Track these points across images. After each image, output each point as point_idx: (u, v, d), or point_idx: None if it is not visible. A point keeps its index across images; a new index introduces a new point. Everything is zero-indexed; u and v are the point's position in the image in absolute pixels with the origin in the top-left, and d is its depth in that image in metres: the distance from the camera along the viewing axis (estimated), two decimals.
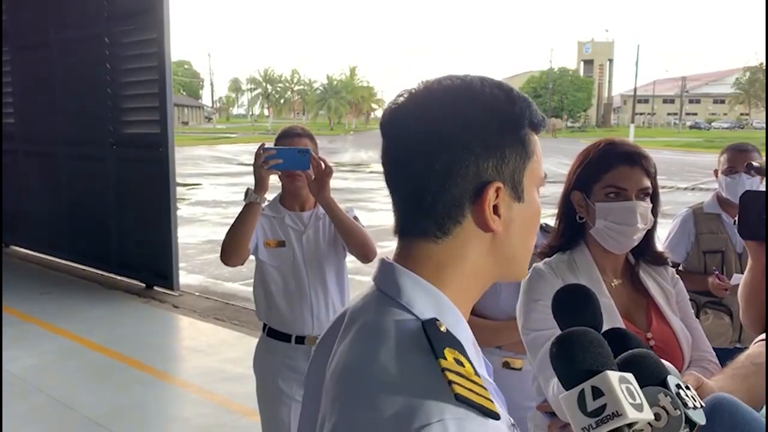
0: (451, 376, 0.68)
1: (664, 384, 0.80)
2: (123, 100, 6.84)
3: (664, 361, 0.93)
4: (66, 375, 4.47)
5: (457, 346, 0.73)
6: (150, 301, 6.27)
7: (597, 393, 0.74)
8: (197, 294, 6.59)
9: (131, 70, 6.75)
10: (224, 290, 7.01)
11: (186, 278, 7.15)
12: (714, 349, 2.57)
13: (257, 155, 2.22)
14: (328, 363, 0.81)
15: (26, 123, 7.99)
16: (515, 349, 1.99)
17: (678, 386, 0.81)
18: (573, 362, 0.77)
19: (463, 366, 0.71)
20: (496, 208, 0.79)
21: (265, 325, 2.48)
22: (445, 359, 0.70)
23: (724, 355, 2.96)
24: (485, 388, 0.70)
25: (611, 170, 1.55)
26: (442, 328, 0.74)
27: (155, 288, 6.60)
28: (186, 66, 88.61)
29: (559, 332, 0.92)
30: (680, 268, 2.98)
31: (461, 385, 0.68)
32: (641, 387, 0.78)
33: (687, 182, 18.67)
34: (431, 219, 0.79)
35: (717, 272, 2.81)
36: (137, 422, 3.82)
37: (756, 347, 1.32)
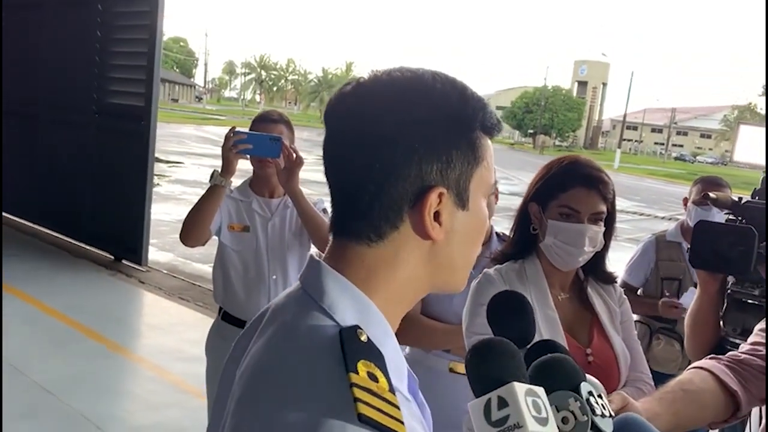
0: (359, 393, 0.63)
1: (577, 390, 0.82)
2: (110, 69, 6.78)
3: (591, 377, 0.95)
4: (21, 339, 4.42)
5: (376, 358, 0.68)
6: (117, 274, 6.23)
7: (502, 403, 0.73)
8: (165, 272, 6.55)
9: (121, 41, 6.70)
10: (192, 270, 6.97)
11: (156, 255, 7.11)
12: (663, 374, 2.62)
13: (227, 137, 2.20)
14: (241, 361, 0.76)
15: (9, 83, 7.88)
16: (463, 354, 2.01)
17: (590, 393, 0.83)
18: (484, 370, 0.77)
19: (377, 381, 0.65)
20: (437, 215, 0.73)
21: (220, 308, 2.46)
22: (357, 373, 0.65)
23: None
24: (398, 408, 0.65)
25: (568, 190, 1.57)
26: (363, 338, 0.69)
27: (123, 261, 6.55)
28: (182, 43, 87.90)
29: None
30: (638, 292, 3.05)
31: (368, 404, 0.63)
32: (555, 390, 0.80)
33: (665, 212, 18.89)
34: (367, 221, 0.73)
35: (667, 294, 2.88)
36: (87, 393, 3.79)
37: (687, 373, 1.35)
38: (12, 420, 3.40)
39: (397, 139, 0.72)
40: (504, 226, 2.12)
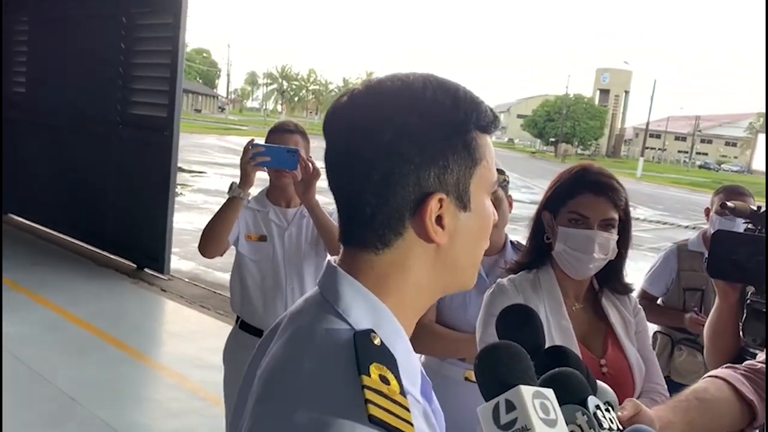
0: (370, 395, 0.65)
1: (585, 403, 0.82)
2: (134, 80, 6.89)
3: (603, 384, 0.95)
4: (46, 346, 4.49)
5: (388, 361, 0.70)
6: (139, 283, 6.30)
7: (510, 406, 0.74)
8: (186, 280, 6.62)
9: (145, 52, 6.81)
10: (213, 279, 7.03)
11: (177, 263, 7.18)
12: (685, 386, 2.58)
13: (245, 150, 2.23)
14: (260, 362, 0.79)
15: (36, 94, 8.05)
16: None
17: (597, 407, 0.83)
18: (492, 374, 0.77)
19: (388, 384, 0.67)
20: (440, 219, 0.75)
21: (238, 317, 2.49)
22: (369, 376, 0.67)
23: None
24: (408, 410, 0.67)
25: (576, 197, 1.57)
26: (376, 341, 0.71)
27: (146, 270, 6.62)
28: (205, 54, 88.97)
29: None
30: (658, 302, 3.01)
31: (379, 406, 0.65)
32: (562, 404, 0.80)
33: (689, 221, 18.65)
34: (371, 230, 0.75)
35: (696, 310, 2.83)
36: (110, 400, 3.84)
37: (702, 382, 1.34)
38: (38, 427, 3.47)
39: (391, 150, 0.73)
40: (524, 234, 2.12)
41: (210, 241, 2.29)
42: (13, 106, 8.36)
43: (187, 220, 10.26)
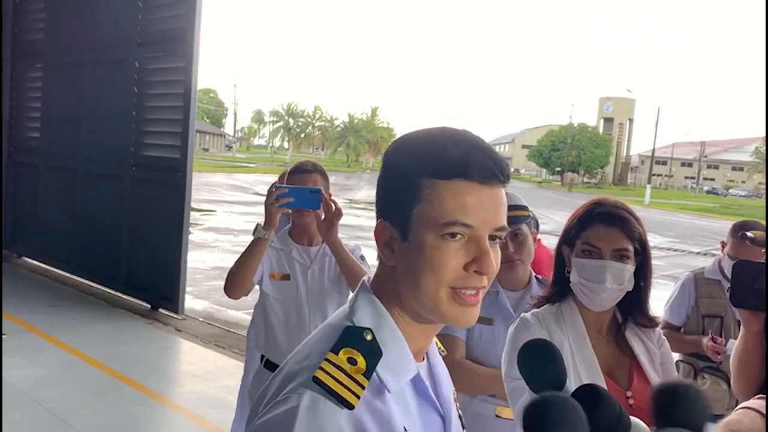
0: (325, 365, 0.85)
1: None
2: (146, 123, 7.01)
3: (637, 420, 0.97)
4: (64, 388, 4.50)
5: (369, 352, 0.87)
6: (154, 323, 6.32)
7: None
8: (201, 319, 6.63)
9: (157, 95, 6.93)
10: (227, 318, 7.04)
11: (191, 303, 7.20)
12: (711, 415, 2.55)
13: (269, 192, 2.28)
14: None
15: (50, 138, 8.18)
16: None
17: None
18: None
19: (355, 365, 0.86)
20: (390, 243, 0.92)
21: (262, 356, 2.50)
22: (336, 354, 0.86)
23: None
24: (362, 387, 0.84)
25: (588, 228, 1.61)
26: (368, 337, 0.89)
27: (160, 310, 6.64)
28: (212, 94, 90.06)
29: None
30: (681, 330, 3.01)
31: (328, 373, 0.84)
32: None
33: (699, 247, 18.57)
34: None
35: (713, 334, 2.82)
36: None
37: (736, 414, 1.34)
38: None
39: (379, 183, 0.95)
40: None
41: (236, 282, 2.32)
42: (27, 151, 8.50)
43: (199, 258, 10.30)
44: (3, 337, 5.28)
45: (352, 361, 0.86)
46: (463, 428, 1.04)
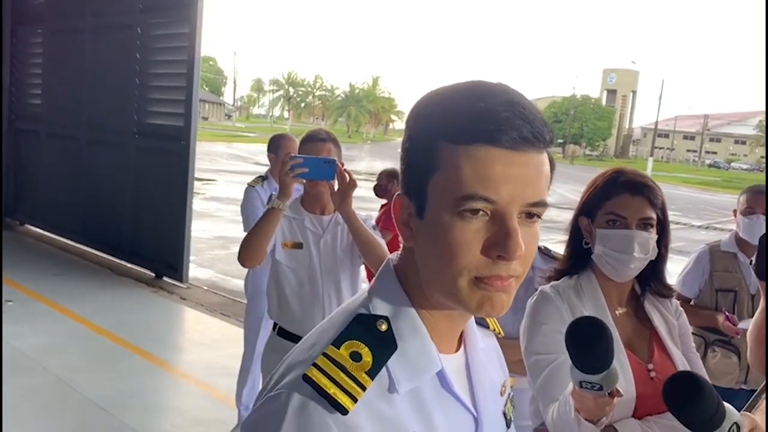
0: (321, 361, 0.73)
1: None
2: (149, 90, 6.94)
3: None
4: (70, 356, 4.53)
5: (378, 345, 0.75)
6: (158, 291, 6.34)
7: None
8: (205, 288, 6.65)
9: (160, 62, 6.85)
10: (232, 286, 7.06)
11: (195, 271, 7.21)
12: (720, 388, 2.57)
13: (284, 163, 2.26)
14: None
15: (52, 105, 8.12)
16: (513, 369, 2.00)
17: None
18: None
19: (359, 361, 0.73)
20: (408, 221, 0.78)
21: (275, 324, 2.51)
22: (337, 349, 0.74)
23: (730, 395, 2.92)
24: (361, 387, 0.72)
25: (613, 198, 1.57)
26: (382, 327, 0.76)
27: (164, 278, 6.66)
28: (211, 63, 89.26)
29: (563, 357, 0.95)
30: (691, 303, 2.99)
31: (322, 370, 0.72)
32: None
33: (702, 220, 18.56)
34: None
35: (727, 313, 2.81)
36: (135, 408, 3.87)
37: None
38: None
39: (402, 150, 0.80)
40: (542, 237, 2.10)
41: (251, 252, 2.31)
42: (29, 118, 8.44)
43: (202, 228, 10.30)
44: (9, 304, 5.31)
45: (355, 357, 0.73)
46: (508, 427, 0.93)
